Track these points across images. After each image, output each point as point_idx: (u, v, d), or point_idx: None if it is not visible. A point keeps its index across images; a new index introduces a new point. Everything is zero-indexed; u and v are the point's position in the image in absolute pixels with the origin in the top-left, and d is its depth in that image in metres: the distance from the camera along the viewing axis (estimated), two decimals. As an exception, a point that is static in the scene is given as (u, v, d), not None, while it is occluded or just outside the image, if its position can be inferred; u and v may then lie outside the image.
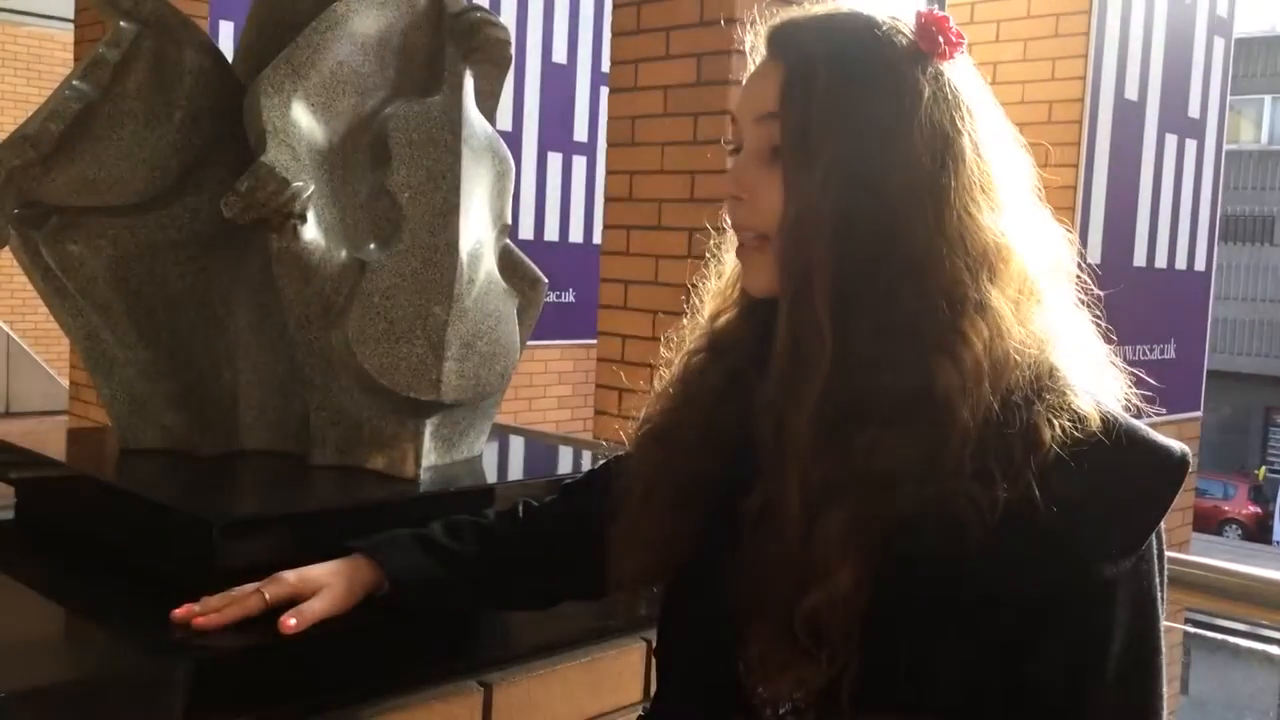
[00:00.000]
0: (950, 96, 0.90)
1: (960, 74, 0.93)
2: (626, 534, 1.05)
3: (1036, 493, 0.82)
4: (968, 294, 0.86)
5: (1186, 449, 0.88)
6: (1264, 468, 20.89)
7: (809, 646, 0.85)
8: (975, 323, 0.86)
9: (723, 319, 1.06)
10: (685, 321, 1.12)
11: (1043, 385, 0.87)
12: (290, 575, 1.18)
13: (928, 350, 0.86)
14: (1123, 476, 0.85)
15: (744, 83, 0.99)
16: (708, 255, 1.11)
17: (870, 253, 0.87)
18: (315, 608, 1.15)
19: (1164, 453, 0.87)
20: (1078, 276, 0.97)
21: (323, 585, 1.17)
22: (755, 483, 0.93)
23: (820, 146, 0.89)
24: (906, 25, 0.93)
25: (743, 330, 1.03)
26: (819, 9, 0.97)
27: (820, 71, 0.90)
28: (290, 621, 1.13)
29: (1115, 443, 0.85)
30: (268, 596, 1.15)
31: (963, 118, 0.90)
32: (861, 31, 0.93)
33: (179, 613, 1.15)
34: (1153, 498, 0.86)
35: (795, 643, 0.86)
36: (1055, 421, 0.84)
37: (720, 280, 1.09)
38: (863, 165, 0.88)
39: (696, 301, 1.11)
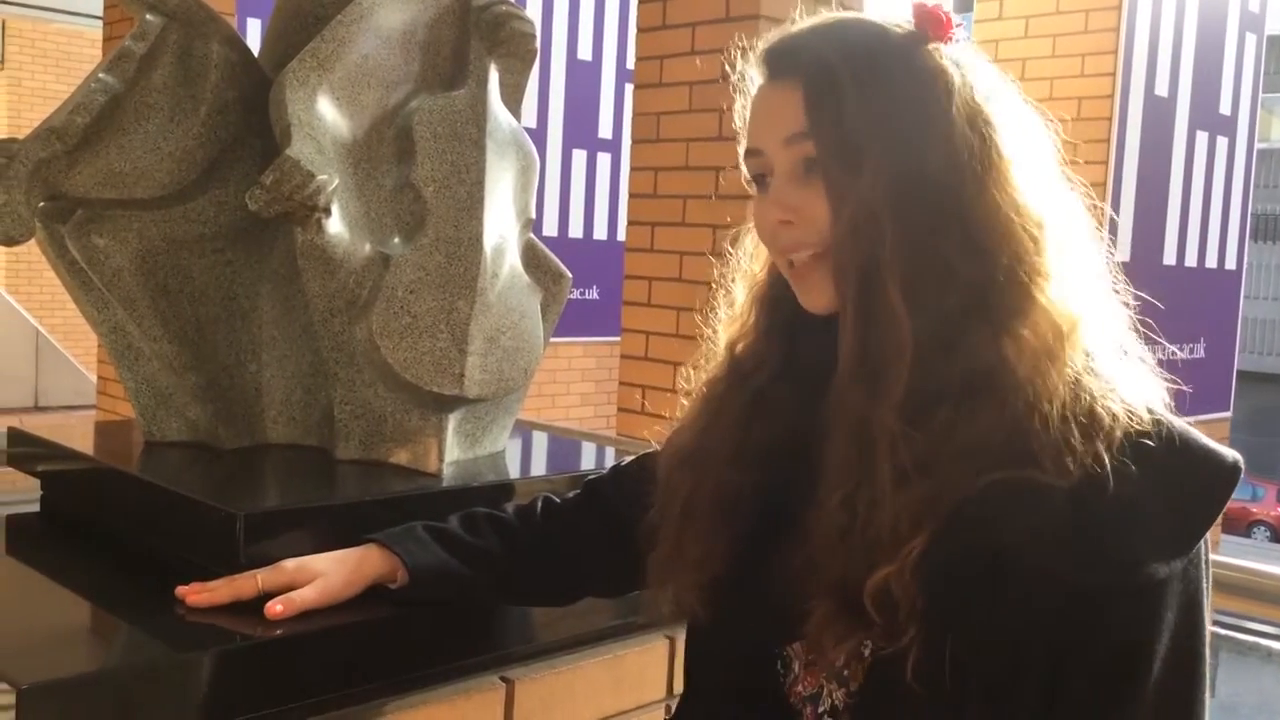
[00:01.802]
0: (971, 73, 0.91)
1: (969, 52, 0.94)
2: (671, 554, 1.04)
3: (1109, 476, 0.82)
4: (1030, 265, 0.88)
5: (1239, 456, 0.88)
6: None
7: (874, 619, 0.85)
8: (1041, 291, 0.87)
9: (741, 345, 1.06)
10: (702, 348, 1.12)
11: (1089, 377, 0.87)
12: (289, 563, 1.18)
13: (998, 324, 0.87)
14: (1178, 478, 0.85)
15: (751, 114, 0.98)
16: (714, 285, 1.11)
17: (932, 239, 0.88)
18: (306, 596, 1.15)
19: (1218, 458, 0.87)
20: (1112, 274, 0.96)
21: (321, 575, 1.17)
22: (813, 490, 0.92)
23: (862, 149, 0.89)
24: (898, 19, 0.94)
25: (764, 353, 1.03)
26: (810, 21, 0.96)
27: (841, 76, 0.90)
28: (277, 608, 1.13)
29: (1168, 444, 0.85)
30: (260, 581, 1.16)
31: (988, 92, 0.91)
32: (865, 30, 0.93)
33: (181, 589, 1.17)
34: (1206, 501, 0.86)
35: (856, 615, 0.86)
36: (1114, 407, 0.85)
37: (733, 309, 1.09)
38: (907, 155, 0.88)
39: (710, 333, 1.11)
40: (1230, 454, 0.87)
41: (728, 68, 1.04)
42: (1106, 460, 0.83)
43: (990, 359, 0.86)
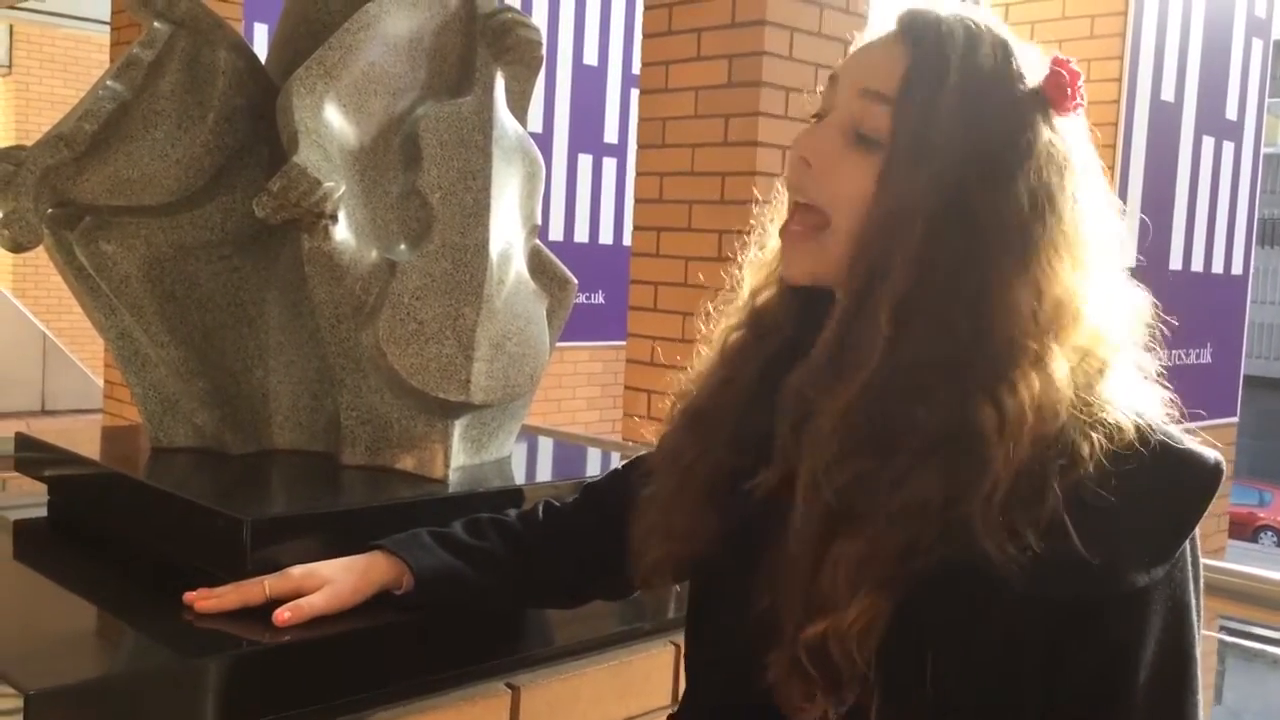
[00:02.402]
0: (1062, 151, 0.89)
1: (1075, 131, 0.91)
2: (655, 523, 1.03)
3: (1067, 511, 0.80)
4: (1029, 344, 0.84)
5: (1220, 456, 0.87)
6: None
7: (816, 675, 0.84)
8: (1028, 375, 0.83)
9: (763, 295, 1.03)
10: (726, 290, 1.09)
11: (1080, 400, 0.85)
12: (296, 570, 1.18)
13: (972, 390, 0.83)
14: (1155, 484, 0.84)
15: (858, 48, 0.95)
16: (751, 223, 1.08)
17: (945, 275, 0.85)
18: (314, 603, 1.16)
19: (1197, 460, 0.85)
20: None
21: (328, 581, 1.17)
22: (784, 491, 0.91)
23: (935, 149, 0.87)
24: (1039, 62, 0.91)
25: (782, 312, 1.01)
26: (958, 10, 0.93)
27: (952, 73, 0.88)
28: (284, 615, 1.14)
29: (1150, 452, 0.84)
30: (267, 588, 1.16)
31: (1068, 175, 0.88)
32: (998, 53, 0.90)
33: (189, 595, 1.17)
34: (1185, 505, 0.85)
35: (809, 673, 0.84)
36: (1093, 435, 0.83)
37: (763, 251, 1.06)
38: (967, 185, 0.86)
39: (736, 271, 1.08)
40: (1211, 455, 0.86)
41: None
42: (1079, 486, 0.81)
43: (958, 421, 0.83)
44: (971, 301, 0.85)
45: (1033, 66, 0.91)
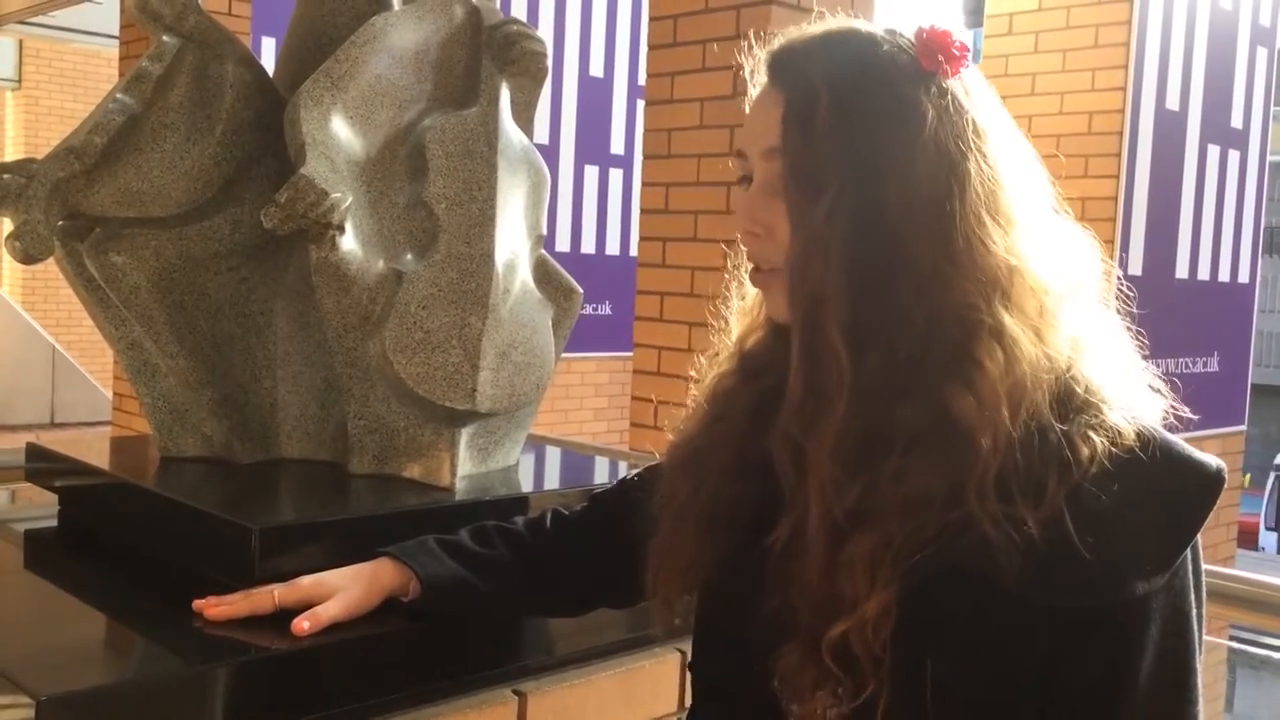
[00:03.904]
0: (955, 115, 0.87)
1: (967, 88, 0.90)
2: (661, 557, 1.04)
3: (1067, 516, 0.81)
4: (981, 318, 0.85)
5: (1222, 464, 0.87)
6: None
7: (838, 671, 0.85)
8: (990, 348, 0.84)
9: (752, 340, 1.05)
10: (714, 339, 1.11)
11: (1079, 402, 0.86)
12: (306, 580, 1.19)
13: (942, 377, 0.84)
14: (1156, 492, 0.84)
15: (748, 112, 0.97)
16: (728, 274, 1.11)
17: (880, 281, 0.86)
18: (330, 611, 1.16)
19: (1198, 467, 0.85)
20: (1114, 287, 0.95)
21: (338, 589, 1.18)
22: (781, 513, 0.92)
23: (823, 179, 0.87)
24: (908, 40, 0.90)
25: (773, 352, 1.02)
26: (817, 29, 0.94)
27: (820, 101, 0.88)
28: (304, 625, 1.15)
29: (1151, 458, 0.84)
30: (277, 597, 1.17)
31: (969, 137, 0.87)
32: (861, 53, 0.90)
33: (198, 603, 1.18)
34: (1186, 513, 0.85)
35: (824, 665, 0.85)
36: (1094, 437, 0.83)
37: (745, 300, 1.08)
38: (867, 194, 0.86)
39: (723, 322, 1.10)
40: (1213, 462, 0.86)
41: (740, 59, 1.01)
42: (1079, 489, 0.82)
43: (937, 410, 0.84)
44: (913, 297, 0.85)
45: (904, 45, 0.90)
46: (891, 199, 0.85)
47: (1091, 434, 0.84)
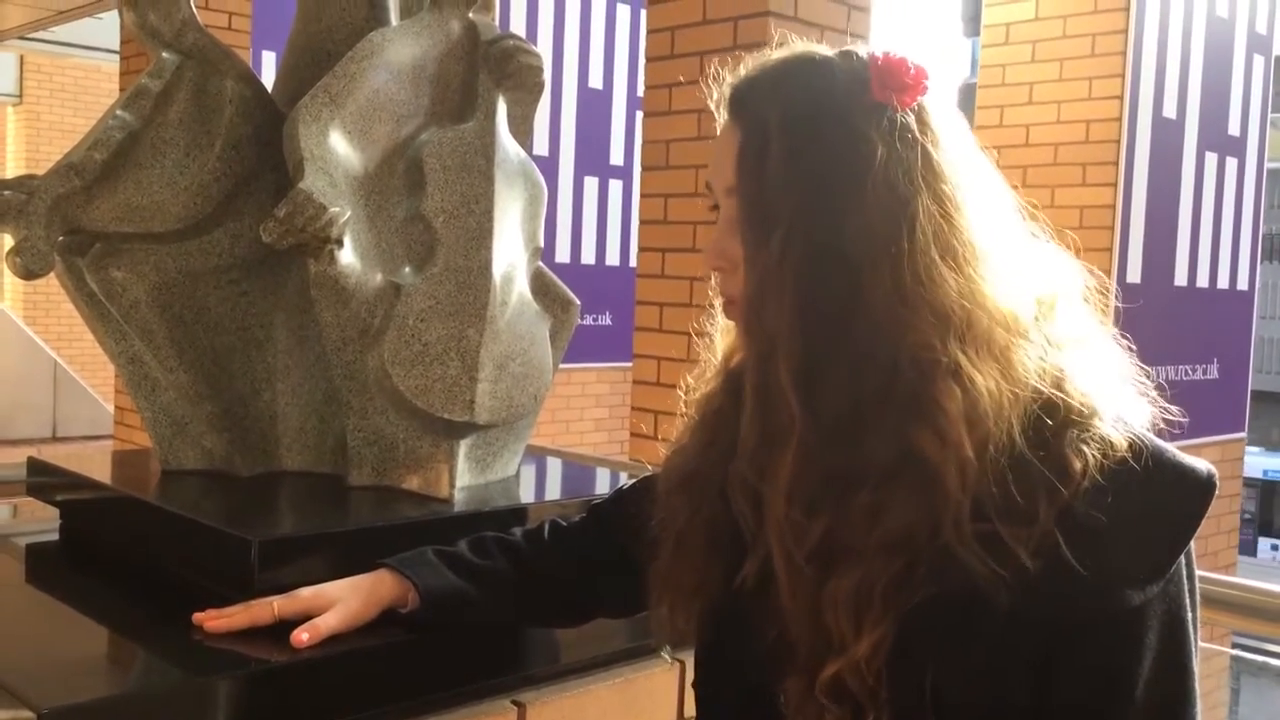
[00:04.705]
0: (905, 150, 0.85)
1: (924, 118, 0.87)
2: (666, 580, 1.04)
3: (1060, 534, 0.81)
4: (936, 358, 0.83)
5: (1213, 468, 0.87)
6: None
7: (837, 708, 0.85)
8: (948, 388, 0.82)
9: (736, 358, 1.04)
10: (702, 356, 1.12)
11: (1066, 418, 0.85)
12: (305, 591, 1.20)
13: (905, 417, 0.83)
14: (1148, 499, 0.84)
15: (715, 146, 0.96)
16: (713, 290, 1.11)
17: (833, 323, 0.85)
18: (329, 622, 1.17)
19: (1190, 474, 0.86)
20: (1107, 297, 0.95)
21: (337, 601, 1.19)
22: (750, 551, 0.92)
23: (774, 220, 0.86)
24: (863, 68, 0.88)
25: None
26: (774, 59, 0.92)
27: (772, 139, 0.87)
28: (303, 636, 1.15)
29: (1143, 467, 0.84)
30: (276, 608, 1.18)
31: (919, 173, 0.85)
32: (814, 86, 0.88)
33: (199, 615, 1.19)
34: (1179, 519, 0.85)
35: (824, 700, 0.85)
36: (1085, 451, 0.83)
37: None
38: (818, 235, 0.85)
39: (708, 341, 1.10)
40: (1204, 467, 0.86)
41: (706, 91, 1.01)
42: (1071, 503, 0.82)
43: (903, 447, 0.83)
44: (869, 337, 0.84)
45: (858, 76, 0.87)
46: (842, 239, 0.84)
47: (1084, 448, 0.83)
